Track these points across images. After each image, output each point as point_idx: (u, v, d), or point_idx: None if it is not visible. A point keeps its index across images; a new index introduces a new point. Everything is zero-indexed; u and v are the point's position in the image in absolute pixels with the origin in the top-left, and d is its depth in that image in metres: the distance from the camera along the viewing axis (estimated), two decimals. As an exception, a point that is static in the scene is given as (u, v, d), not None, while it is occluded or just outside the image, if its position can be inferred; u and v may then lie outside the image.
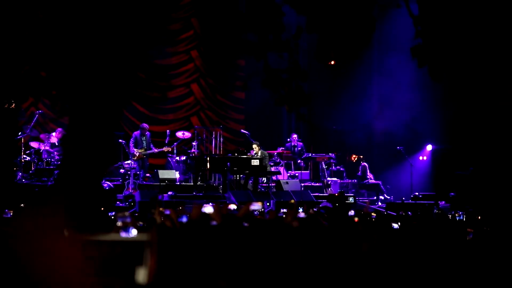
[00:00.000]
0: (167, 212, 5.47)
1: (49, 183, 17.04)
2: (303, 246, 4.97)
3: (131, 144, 19.28)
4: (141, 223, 6.55)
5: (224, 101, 24.35)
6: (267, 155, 19.78)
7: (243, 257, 4.77)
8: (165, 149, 19.48)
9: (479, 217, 9.66)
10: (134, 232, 5.39)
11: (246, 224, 5.18)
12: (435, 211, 13.55)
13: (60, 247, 4.65)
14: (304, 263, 4.92)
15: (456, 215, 11.17)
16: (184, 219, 5.28)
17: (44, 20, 7.52)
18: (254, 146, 19.47)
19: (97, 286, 4.94)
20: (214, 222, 5.17)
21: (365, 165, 21.70)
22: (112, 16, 7.08)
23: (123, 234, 5.34)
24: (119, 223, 5.44)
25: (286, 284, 4.83)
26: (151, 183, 18.85)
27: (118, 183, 19.00)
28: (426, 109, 22.73)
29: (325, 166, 21.72)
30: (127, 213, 5.74)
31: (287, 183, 19.44)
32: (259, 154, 19.24)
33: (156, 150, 19.43)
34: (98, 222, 7.07)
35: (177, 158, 20.21)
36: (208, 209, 5.20)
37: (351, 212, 6.78)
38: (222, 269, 4.71)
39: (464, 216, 10.98)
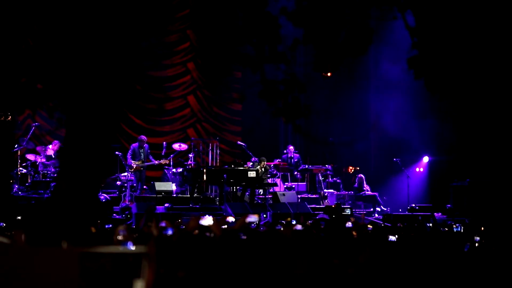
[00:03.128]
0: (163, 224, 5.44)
1: (45, 195, 16.99)
2: (300, 257, 4.95)
3: (129, 156, 19.23)
4: (137, 234, 6.54)
5: (220, 113, 24.34)
6: (268, 169, 19.90)
7: (241, 268, 4.75)
8: (162, 161, 19.46)
9: (474, 228, 9.64)
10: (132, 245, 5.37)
11: (244, 237, 5.16)
12: (430, 224, 13.49)
13: (57, 260, 4.63)
14: (304, 274, 4.91)
15: (454, 226, 11.15)
16: (170, 232, 5.24)
17: (40, 33, 7.53)
18: (263, 163, 19.56)
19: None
20: (208, 234, 5.14)
21: (361, 177, 21.67)
22: (108, 28, 7.08)
23: (122, 248, 5.31)
24: (118, 237, 5.42)
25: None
26: (148, 195, 18.80)
27: (115, 195, 18.96)
28: (423, 121, 22.72)
29: (322, 177, 21.70)
30: (123, 226, 5.72)
31: (283, 194, 19.41)
32: (263, 169, 19.35)
33: (156, 162, 19.41)
34: (95, 234, 7.04)
35: (174, 170, 20.17)
36: (206, 221, 5.18)
37: (349, 224, 6.77)
38: (220, 280, 4.69)
39: (462, 227, 10.95)
